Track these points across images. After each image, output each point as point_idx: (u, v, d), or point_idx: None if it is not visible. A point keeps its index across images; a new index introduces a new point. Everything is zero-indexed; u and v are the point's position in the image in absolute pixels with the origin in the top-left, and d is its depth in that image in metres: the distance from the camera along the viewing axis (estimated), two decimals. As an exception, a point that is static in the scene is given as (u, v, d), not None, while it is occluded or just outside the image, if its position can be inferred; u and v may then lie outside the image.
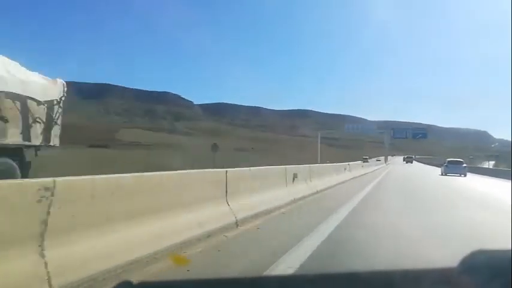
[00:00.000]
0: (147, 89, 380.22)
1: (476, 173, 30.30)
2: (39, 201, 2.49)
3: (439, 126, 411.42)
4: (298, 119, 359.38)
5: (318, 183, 10.81)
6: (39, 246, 2.47)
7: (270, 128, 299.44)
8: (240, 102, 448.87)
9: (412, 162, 74.57)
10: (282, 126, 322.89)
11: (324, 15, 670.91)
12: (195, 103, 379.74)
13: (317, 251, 4.08)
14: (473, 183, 20.42)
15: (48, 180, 2.60)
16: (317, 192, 10.25)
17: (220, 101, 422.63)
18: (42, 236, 2.50)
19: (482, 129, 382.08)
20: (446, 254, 3.71)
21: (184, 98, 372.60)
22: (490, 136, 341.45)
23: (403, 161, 79.11)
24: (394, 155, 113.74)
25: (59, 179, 2.67)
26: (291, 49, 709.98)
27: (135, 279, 0.95)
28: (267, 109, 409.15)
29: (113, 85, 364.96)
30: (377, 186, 15.00)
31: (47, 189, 2.54)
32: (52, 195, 2.56)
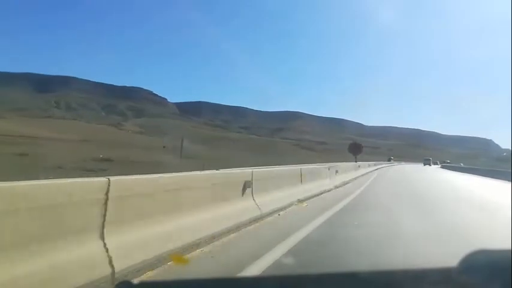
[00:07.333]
0: (117, 84, 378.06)
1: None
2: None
3: (440, 134, 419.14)
4: (287, 122, 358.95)
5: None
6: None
7: (253, 130, 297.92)
8: (222, 101, 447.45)
9: (430, 165, 69.85)
10: (267, 128, 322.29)
11: (322, 16, 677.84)
12: (169, 101, 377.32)
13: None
14: None
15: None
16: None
17: (201, 100, 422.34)
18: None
19: (488, 137, 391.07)
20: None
21: (157, 95, 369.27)
22: (495, 145, 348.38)
23: (424, 165, 68.46)
24: (391, 159, 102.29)
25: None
26: (284, 48, 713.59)
27: (135, 279, 1.02)
28: (252, 110, 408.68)
29: (77, 78, 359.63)
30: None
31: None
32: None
